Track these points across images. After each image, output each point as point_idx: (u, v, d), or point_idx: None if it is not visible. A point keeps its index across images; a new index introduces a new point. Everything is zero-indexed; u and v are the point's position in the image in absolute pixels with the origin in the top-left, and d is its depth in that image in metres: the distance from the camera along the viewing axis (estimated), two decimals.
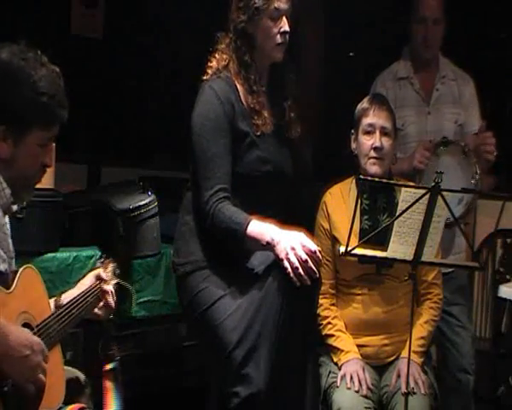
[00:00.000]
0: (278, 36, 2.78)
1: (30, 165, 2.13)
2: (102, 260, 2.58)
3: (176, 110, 4.94)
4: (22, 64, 2.07)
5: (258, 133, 2.80)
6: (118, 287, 2.53)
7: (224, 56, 2.82)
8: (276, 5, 2.76)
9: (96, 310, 2.43)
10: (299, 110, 2.96)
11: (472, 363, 3.40)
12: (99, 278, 2.45)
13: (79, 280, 2.46)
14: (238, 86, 2.80)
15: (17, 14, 4.23)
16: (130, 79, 4.81)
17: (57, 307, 2.26)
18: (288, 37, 2.80)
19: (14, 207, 2.16)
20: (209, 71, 2.82)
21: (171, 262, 2.93)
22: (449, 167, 3.15)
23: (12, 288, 2.03)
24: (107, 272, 2.50)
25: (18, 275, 2.08)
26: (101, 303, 2.44)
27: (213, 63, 2.83)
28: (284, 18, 2.78)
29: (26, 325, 2.05)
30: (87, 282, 2.43)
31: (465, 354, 3.39)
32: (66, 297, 2.32)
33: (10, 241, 2.18)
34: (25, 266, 2.13)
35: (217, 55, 2.83)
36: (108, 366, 2.45)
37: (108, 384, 2.42)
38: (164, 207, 3.32)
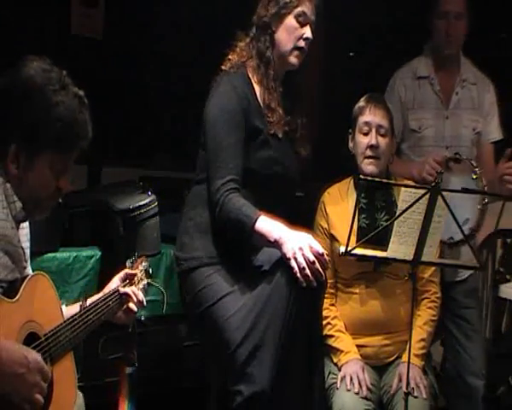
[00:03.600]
0: (300, 40, 2.81)
1: (41, 187, 2.04)
2: (133, 259, 2.53)
3: (176, 110, 4.94)
4: (43, 84, 1.99)
5: (272, 132, 2.80)
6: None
7: (244, 53, 2.84)
8: (304, 9, 2.81)
9: (118, 314, 2.37)
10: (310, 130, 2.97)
11: (483, 368, 3.35)
12: (125, 280, 2.41)
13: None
14: (254, 84, 2.82)
15: (17, 14, 4.22)
16: (130, 79, 4.80)
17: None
18: (308, 45, 2.82)
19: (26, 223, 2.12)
20: (228, 63, 2.84)
21: (174, 256, 2.92)
22: (456, 187, 2.94)
23: (17, 296, 1.95)
24: (137, 272, 2.46)
25: (24, 283, 1.99)
26: (124, 307, 2.38)
27: (234, 56, 2.85)
28: (309, 26, 2.81)
29: (31, 335, 1.98)
30: (112, 285, 2.38)
31: (476, 359, 3.35)
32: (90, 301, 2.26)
33: (26, 251, 2.12)
34: (34, 273, 2.07)
35: (237, 50, 2.86)
36: (127, 370, 2.43)
37: (124, 388, 2.40)
38: (164, 207, 3.32)
